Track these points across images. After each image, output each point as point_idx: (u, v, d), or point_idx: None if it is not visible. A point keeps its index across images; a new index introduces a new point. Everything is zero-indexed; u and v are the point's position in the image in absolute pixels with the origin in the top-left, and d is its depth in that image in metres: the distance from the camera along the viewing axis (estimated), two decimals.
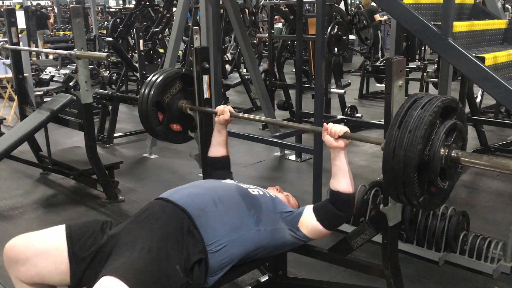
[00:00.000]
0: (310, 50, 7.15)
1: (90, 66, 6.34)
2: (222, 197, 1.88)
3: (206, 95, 2.44)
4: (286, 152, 4.94)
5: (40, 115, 3.84)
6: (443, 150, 1.51)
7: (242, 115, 2.35)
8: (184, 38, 7.48)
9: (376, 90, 7.97)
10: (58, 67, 7.34)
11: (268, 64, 5.91)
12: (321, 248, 2.22)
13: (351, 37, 8.47)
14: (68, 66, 6.59)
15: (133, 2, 8.65)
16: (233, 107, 2.32)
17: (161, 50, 8.37)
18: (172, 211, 1.78)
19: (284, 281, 2.40)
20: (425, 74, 6.52)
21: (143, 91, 2.40)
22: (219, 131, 2.30)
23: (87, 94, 3.49)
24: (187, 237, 1.71)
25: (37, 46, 11.67)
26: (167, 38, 8.23)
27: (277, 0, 6.03)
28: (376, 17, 9.63)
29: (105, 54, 3.29)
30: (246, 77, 7.09)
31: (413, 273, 2.70)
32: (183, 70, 2.50)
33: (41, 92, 7.08)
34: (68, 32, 12.83)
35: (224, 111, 2.24)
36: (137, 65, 6.66)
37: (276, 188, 2.20)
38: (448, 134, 1.54)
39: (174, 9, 6.91)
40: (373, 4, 9.64)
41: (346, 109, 5.80)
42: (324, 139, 1.83)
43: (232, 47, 8.16)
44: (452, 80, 3.96)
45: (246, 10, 8.26)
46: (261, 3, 8.98)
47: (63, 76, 5.97)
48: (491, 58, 2.25)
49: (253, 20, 8.58)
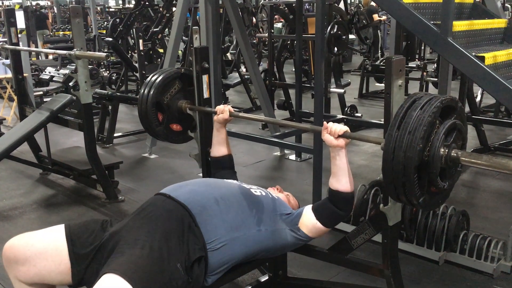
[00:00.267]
0: (310, 50, 7.14)
1: (90, 66, 6.33)
2: (224, 196, 1.88)
3: (206, 95, 2.44)
4: (286, 151, 4.94)
5: (39, 115, 3.84)
6: (442, 150, 1.51)
7: (241, 114, 2.34)
8: (184, 38, 7.48)
9: (376, 90, 7.97)
10: (58, 67, 7.34)
11: (268, 63, 5.91)
12: (321, 248, 2.22)
13: (351, 36, 8.47)
14: (67, 66, 6.58)
15: (133, 2, 8.63)
16: (233, 107, 2.32)
17: (161, 50, 8.37)
18: (173, 207, 1.78)
19: (284, 281, 2.40)
20: (425, 73, 6.51)
21: (142, 91, 2.40)
22: (218, 130, 2.31)
23: (87, 94, 3.49)
24: (188, 234, 1.71)
25: (36, 46, 11.67)
26: (167, 38, 8.22)
27: (277, 0, 6.03)
28: (375, 17, 9.62)
29: (105, 54, 3.29)
30: (245, 76, 7.08)
31: (413, 272, 2.70)
32: (182, 70, 2.49)
33: (41, 92, 7.09)
34: (67, 32, 12.83)
35: (223, 111, 2.25)
36: (136, 65, 6.67)
37: (277, 188, 2.20)
38: (447, 134, 1.54)
39: (174, 9, 6.90)
40: (372, 3, 9.63)
41: (346, 109, 5.80)
42: (323, 138, 1.83)
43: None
44: (452, 80, 3.96)
45: (246, 10, 8.25)
46: (261, 2, 8.99)
47: (62, 76, 5.96)
48: (491, 57, 2.25)
49: (252, 19, 8.58)
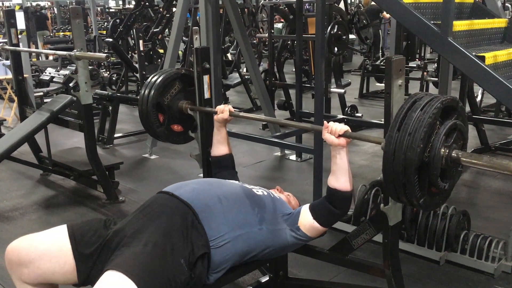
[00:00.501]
0: (310, 50, 7.14)
1: (90, 67, 6.34)
2: (226, 194, 1.89)
3: (207, 95, 2.44)
4: (287, 152, 4.94)
5: (40, 116, 3.84)
6: (443, 151, 1.50)
7: (242, 114, 2.35)
8: (184, 38, 7.48)
9: (376, 90, 7.96)
10: (58, 68, 7.34)
11: (268, 64, 5.90)
12: (322, 248, 2.22)
13: (351, 36, 8.46)
14: (68, 67, 6.58)
15: (133, 2, 8.63)
16: (233, 107, 2.32)
17: (161, 51, 8.37)
18: (176, 205, 1.79)
19: (285, 282, 2.40)
20: (425, 73, 6.51)
21: (142, 92, 2.39)
22: (218, 129, 2.32)
23: (87, 95, 3.49)
24: (192, 231, 1.72)
25: (37, 47, 11.68)
26: (167, 38, 8.21)
27: (277, 0, 6.03)
28: (385, 15, 9.56)
29: (105, 54, 3.28)
30: (246, 77, 7.08)
31: (414, 272, 2.70)
32: (183, 70, 2.49)
33: (41, 93, 7.09)
34: (67, 33, 12.84)
35: (223, 110, 2.25)
36: (137, 65, 6.67)
37: (277, 189, 2.20)
38: (448, 135, 1.53)
39: (174, 9, 6.90)
40: (373, 3, 9.62)
41: (346, 109, 5.80)
42: (324, 137, 1.83)
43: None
44: (452, 79, 3.96)
45: (246, 10, 8.25)
46: (261, 3, 8.98)
47: (63, 77, 5.96)
48: (491, 57, 2.24)
49: (252, 20, 8.57)
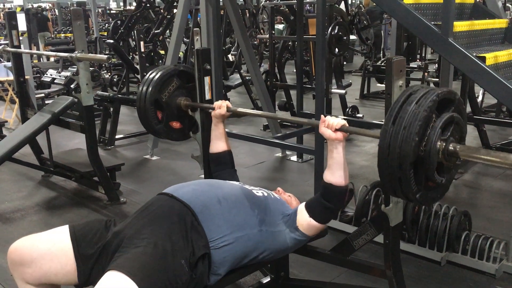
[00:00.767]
0: (311, 51, 7.14)
1: (91, 68, 6.34)
2: (226, 196, 1.89)
3: (208, 96, 2.44)
4: (288, 152, 4.94)
5: (41, 118, 3.85)
6: (439, 144, 1.46)
7: (239, 109, 2.30)
8: (185, 39, 7.49)
9: (377, 90, 7.97)
10: (59, 70, 7.36)
11: (269, 64, 5.91)
12: (323, 249, 2.22)
13: (352, 37, 8.46)
14: (69, 69, 6.60)
15: (134, 4, 8.64)
16: None
17: (162, 52, 8.37)
18: (176, 206, 1.79)
19: (286, 282, 2.40)
20: (426, 73, 6.51)
21: (140, 89, 2.39)
22: (216, 125, 2.32)
23: (88, 96, 3.50)
24: (191, 231, 1.73)
25: (38, 49, 11.69)
26: (168, 39, 8.23)
27: (278, 1, 6.03)
28: None
29: (106, 56, 3.30)
30: (247, 78, 7.09)
31: (415, 273, 2.70)
32: (181, 67, 2.47)
33: (43, 95, 7.10)
34: (69, 35, 12.86)
35: (221, 106, 2.25)
36: (138, 67, 6.67)
37: (278, 190, 2.20)
38: (444, 128, 1.49)
39: (175, 10, 6.91)
40: (374, 4, 9.62)
41: (347, 110, 5.80)
42: (321, 131, 1.81)
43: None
44: (453, 80, 3.96)
45: (247, 11, 8.25)
46: (262, 4, 8.98)
47: (64, 78, 5.97)
48: (492, 57, 2.25)
49: (253, 21, 8.58)
